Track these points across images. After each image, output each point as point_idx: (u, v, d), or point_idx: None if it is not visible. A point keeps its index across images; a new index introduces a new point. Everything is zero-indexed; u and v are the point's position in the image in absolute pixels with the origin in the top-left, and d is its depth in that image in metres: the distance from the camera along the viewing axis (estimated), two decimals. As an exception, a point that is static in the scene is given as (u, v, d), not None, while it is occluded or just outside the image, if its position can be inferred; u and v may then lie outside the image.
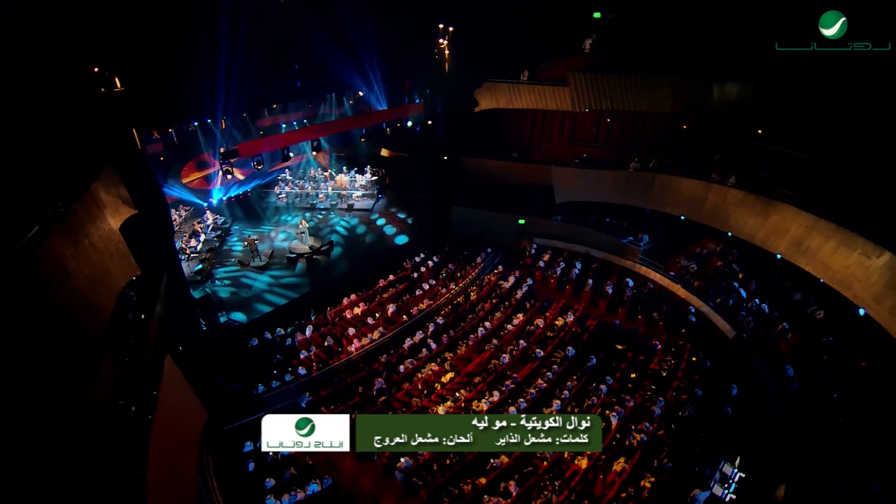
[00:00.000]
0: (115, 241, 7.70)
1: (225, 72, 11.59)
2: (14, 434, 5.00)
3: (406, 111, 16.87)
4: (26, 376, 5.14)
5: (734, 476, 10.28)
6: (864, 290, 12.00)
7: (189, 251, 17.55)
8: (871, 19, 11.07)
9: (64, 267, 6.00)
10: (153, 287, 11.26)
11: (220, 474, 10.70)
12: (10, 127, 7.49)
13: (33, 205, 6.47)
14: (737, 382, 12.73)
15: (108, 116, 10.21)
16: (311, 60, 13.80)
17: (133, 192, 10.84)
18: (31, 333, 5.22)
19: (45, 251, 5.89)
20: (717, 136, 16.59)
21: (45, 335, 5.48)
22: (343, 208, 22.22)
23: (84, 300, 6.11)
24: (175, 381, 8.87)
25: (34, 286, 5.51)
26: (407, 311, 15.87)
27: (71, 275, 6.02)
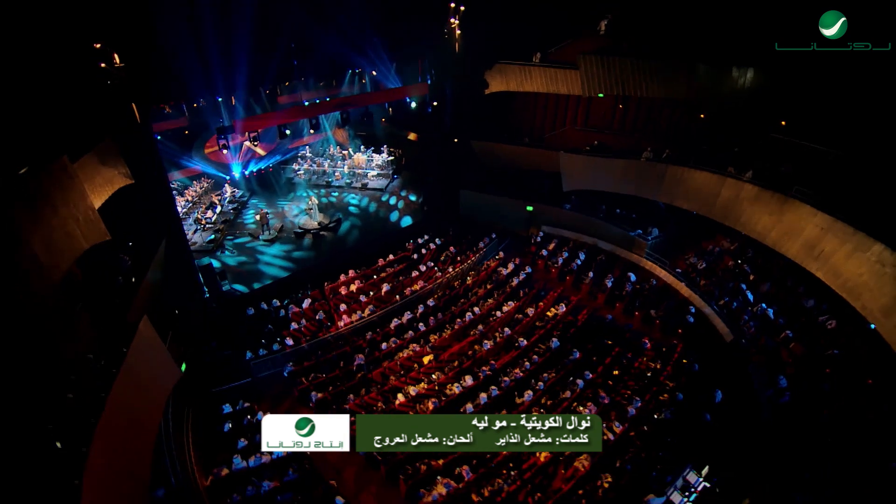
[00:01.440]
0: (84, 208, 8.30)
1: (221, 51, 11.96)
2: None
3: (407, 92, 16.78)
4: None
5: (697, 485, 9.93)
6: (873, 300, 11.08)
7: (204, 222, 18.49)
8: (871, 19, 10.61)
9: (19, 226, 6.59)
10: (148, 253, 12.06)
11: (197, 431, 11.48)
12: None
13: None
14: (726, 389, 12.14)
15: (107, 91, 10.83)
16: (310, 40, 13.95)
17: (131, 164, 11.54)
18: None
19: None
20: (738, 127, 15.51)
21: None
22: (357, 187, 22.58)
23: (35, 259, 6.68)
24: (148, 341, 9.50)
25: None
26: (400, 291, 16.09)
27: (24, 236, 6.61)
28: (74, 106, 10.29)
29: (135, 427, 8.37)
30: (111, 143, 11.06)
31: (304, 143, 24.01)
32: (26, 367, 7.10)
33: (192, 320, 13.58)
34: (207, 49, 11.92)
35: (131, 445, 8.08)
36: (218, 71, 12.10)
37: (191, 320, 13.51)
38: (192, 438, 11.20)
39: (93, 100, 10.67)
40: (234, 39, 12.08)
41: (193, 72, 11.96)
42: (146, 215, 12.62)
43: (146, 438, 8.56)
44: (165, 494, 9.19)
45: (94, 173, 10.11)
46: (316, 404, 12.31)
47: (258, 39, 12.32)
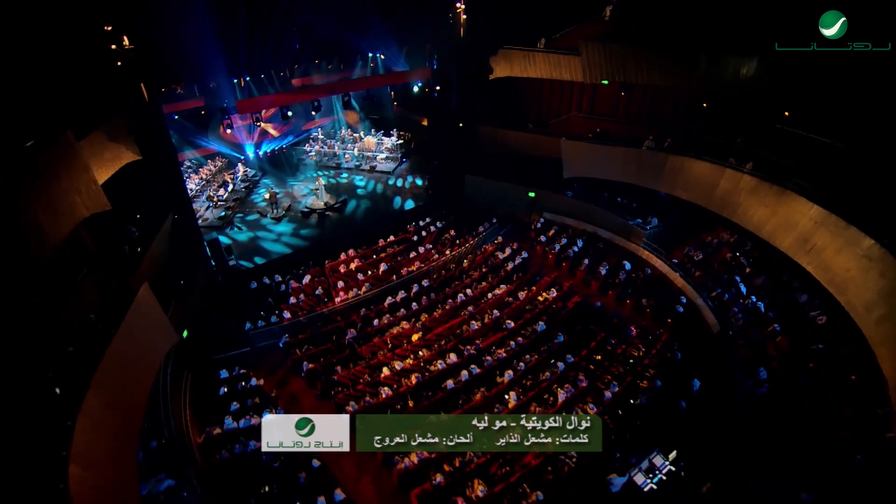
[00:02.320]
0: (86, 180, 9.01)
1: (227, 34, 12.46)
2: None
3: (409, 76, 17.02)
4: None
5: (663, 468, 10.17)
6: (858, 296, 11.01)
7: (216, 199, 19.34)
8: (871, 19, 10.47)
9: (23, 192, 7.32)
10: (155, 226, 12.86)
11: (195, 393, 12.34)
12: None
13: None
14: (706, 379, 12.25)
15: (116, 71, 11.51)
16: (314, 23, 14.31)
17: (139, 141, 12.28)
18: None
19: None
20: (741, 118, 15.25)
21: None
22: (366, 169, 23.09)
23: (35, 222, 7.41)
24: (147, 306, 10.27)
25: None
26: (397, 271, 16.60)
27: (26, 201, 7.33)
28: (85, 85, 11.01)
29: (130, 381, 9.15)
30: (119, 121, 11.77)
31: (316, 125, 24.59)
32: (28, 320, 7.91)
33: (196, 291, 14.38)
34: (213, 33, 12.44)
35: (125, 397, 8.86)
36: (219, 54, 12.61)
37: (195, 291, 14.32)
38: (190, 399, 12.06)
39: (102, 79, 11.38)
40: (239, 24, 12.55)
41: (199, 54, 12.52)
42: (155, 190, 13.38)
43: (140, 390, 9.35)
44: (158, 446, 10.02)
45: (103, 149, 10.85)
46: (306, 374, 13.02)
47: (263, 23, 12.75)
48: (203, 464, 10.54)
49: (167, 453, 9.97)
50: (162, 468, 9.58)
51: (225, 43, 13.51)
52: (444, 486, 9.95)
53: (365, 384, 12.50)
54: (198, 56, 12.91)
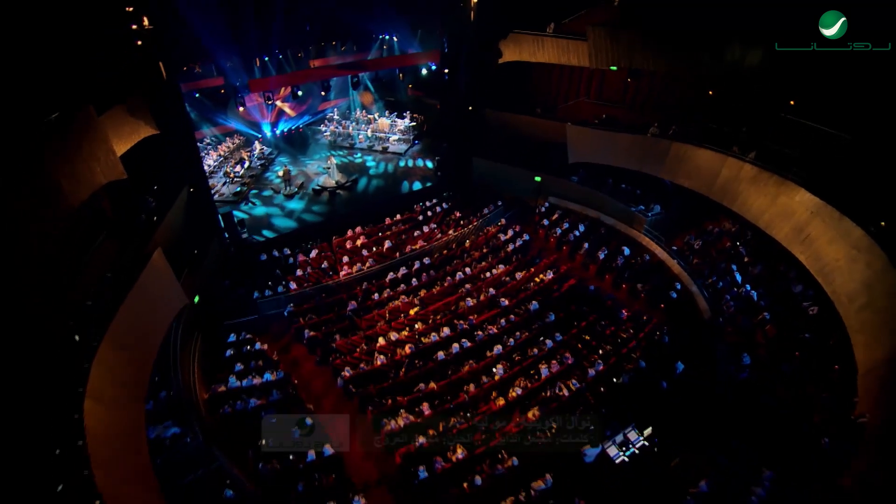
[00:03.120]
0: (105, 150, 9.80)
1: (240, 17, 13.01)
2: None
3: (417, 59, 17.32)
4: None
5: (637, 443, 10.61)
6: (843, 285, 11.15)
7: (233, 175, 20.20)
8: (871, 19, 10.45)
9: (47, 159, 8.13)
10: (171, 197, 13.71)
11: (204, 354, 13.28)
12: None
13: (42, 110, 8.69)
14: (690, 362, 12.52)
15: (137, 50, 12.23)
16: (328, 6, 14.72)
17: (157, 116, 13.06)
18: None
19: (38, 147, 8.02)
20: (747, 106, 15.15)
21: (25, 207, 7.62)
22: (378, 150, 23.61)
23: (58, 186, 8.21)
24: (160, 270, 11.14)
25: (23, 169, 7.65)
26: (401, 248, 17.20)
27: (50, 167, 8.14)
28: (107, 63, 11.78)
29: (141, 335, 10.05)
30: (139, 98, 12.55)
31: (332, 106, 25.18)
32: (51, 275, 8.80)
33: (209, 261, 15.25)
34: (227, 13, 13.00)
35: (136, 348, 9.76)
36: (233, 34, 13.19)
37: (208, 261, 15.19)
38: (198, 359, 13.00)
39: (123, 58, 12.13)
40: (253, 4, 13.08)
41: (215, 34, 13.13)
42: (172, 164, 14.20)
43: (150, 344, 10.27)
44: (167, 397, 10.94)
45: (122, 123, 11.65)
46: (307, 341, 13.81)
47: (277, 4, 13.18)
48: (207, 417, 11.44)
49: (175, 404, 10.89)
50: (169, 417, 10.48)
51: (239, 23, 14.08)
52: (426, 447, 10.60)
53: (361, 352, 13.22)
54: (215, 36, 13.51)
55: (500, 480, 10.00)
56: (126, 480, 7.27)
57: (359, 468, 10.83)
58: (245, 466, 10.45)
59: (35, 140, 8.14)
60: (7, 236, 7.10)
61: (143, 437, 8.91)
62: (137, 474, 7.82)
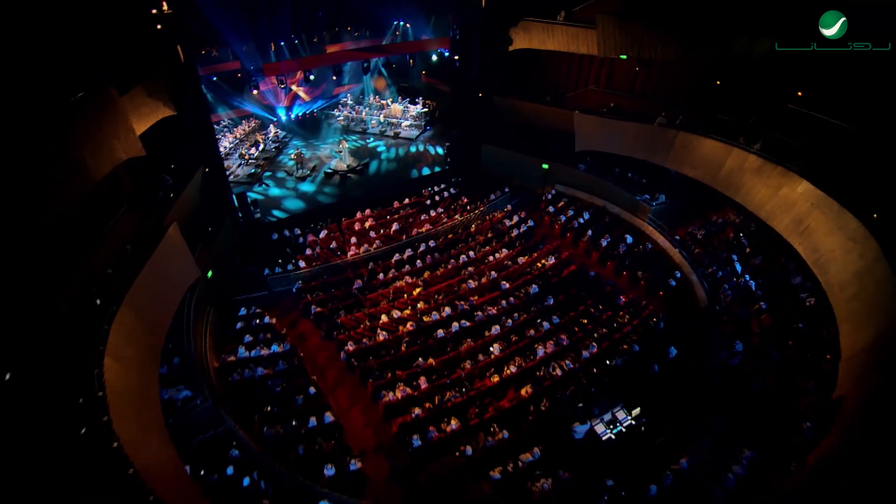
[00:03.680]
0: (125, 128, 10.39)
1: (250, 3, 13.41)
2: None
3: (427, 45, 17.56)
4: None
5: (624, 422, 10.98)
6: (836, 275, 11.30)
7: (248, 157, 20.83)
8: (871, 19, 10.49)
9: (72, 135, 8.75)
10: (187, 176, 14.35)
11: (215, 325, 13.99)
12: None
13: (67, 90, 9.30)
14: (683, 348, 12.78)
15: (157, 34, 12.77)
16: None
17: (174, 98, 13.64)
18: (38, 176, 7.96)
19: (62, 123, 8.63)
20: (755, 97, 15.11)
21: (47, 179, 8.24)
22: (390, 135, 24.01)
23: (82, 161, 8.83)
24: (175, 244, 11.79)
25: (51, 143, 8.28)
26: (407, 231, 17.66)
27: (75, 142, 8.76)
28: (128, 46, 12.35)
29: (156, 303, 10.72)
30: (158, 80, 13.11)
31: (345, 91, 25.60)
32: (75, 243, 9.48)
33: (222, 238, 15.91)
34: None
35: (152, 314, 10.43)
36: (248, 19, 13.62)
37: (221, 238, 15.84)
38: (210, 330, 13.70)
39: (144, 41, 12.70)
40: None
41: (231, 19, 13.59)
42: (188, 144, 14.81)
43: (165, 311, 10.95)
44: (180, 363, 11.65)
45: (141, 103, 12.21)
46: (314, 317, 14.42)
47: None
48: (217, 384, 12.13)
49: (187, 370, 11.59)
50: (181, 381, 11.18)
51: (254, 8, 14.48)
52: (422, 418, 11.14)
53: (364, 328, 13.78)
54: (231, 20, 13.96)
55: (490, 451, 10.49)
56: (141, 429, 7.93)
57: (357, 436, 11.43)
58: (251, 430, 11.10)
59: (62, 117, 8.75)
60: (37, 203, 7.74)
61: (156, 396, 9.59)
62: (151, 425, 8.49)
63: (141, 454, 6.85)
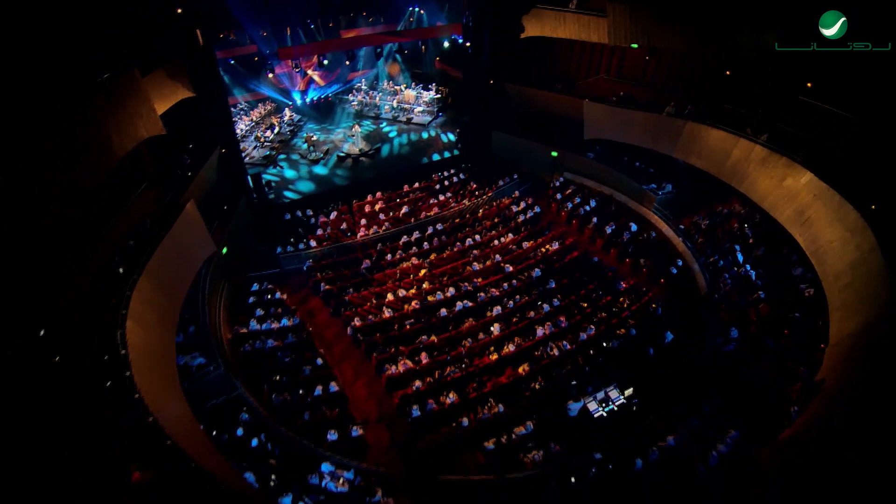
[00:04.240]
0: (147, 108, 10.96)
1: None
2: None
3: (438, 31, 17.79)
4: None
5: (617, 401, 11.36)
6: (833, 266, 11.46)
7: (263, 140, 21.40)
8: (871, 19, 10.48)
9: (100, 114, 9.33)
10: (205, 156, 14.94)
11: (229, 299, 14.66)
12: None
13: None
14: (681, 334, 13.07)
15: (177, 18, 13.27)
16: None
17: (193, 80, 14.18)
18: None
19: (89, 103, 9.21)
20: (765, 88, 15.12)
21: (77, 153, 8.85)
22: (402, 121, 24.36)
23: (108, 138, 9.42)
24: (192, 220, 12.39)
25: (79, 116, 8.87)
26: (416, 214, 18.11)
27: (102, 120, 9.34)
28: (151, 30, 12.87)
29: (174, 273, 11.35)
30: (178, 62, 13.66)
31: (359, 76, 25.96)
32: (100, 215, 10.12)
33: (237, 216, 16.52)
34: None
35: (169, 285, 11.05)
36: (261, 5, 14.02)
37: (236, 216, 16.45)
38: (224, 303, 14.38)
39: (165, 25, 13.21)
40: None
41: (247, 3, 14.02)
42: (206, 125, 15.37)
43: (182, 282, 11.60)
44: (195, 331, 12.32)
45: (162, 84, 12.79)
46: (323, 294, 15.01)
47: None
48: (229, 354, 12.80)
49: (202, 338, 12.25)
50: (196, 349, 11.85)
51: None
52: (422, 391, 11.67)
53: (371, 306, 14.32)
54: (248, 4, 14.39)
55: (485, 423, 10.98)
56: (159, 386, 8.58)
57: (361, 406, 12.02)
58: (260, 397, 11.76)
59: (89, 96, 9.32)
60: (70, 174, 8.36)
61: (173, 360, 10.25)
62: (168, 384, 9.16)
63: (159, 407, 7.47)
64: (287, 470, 9.57)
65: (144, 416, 6.97)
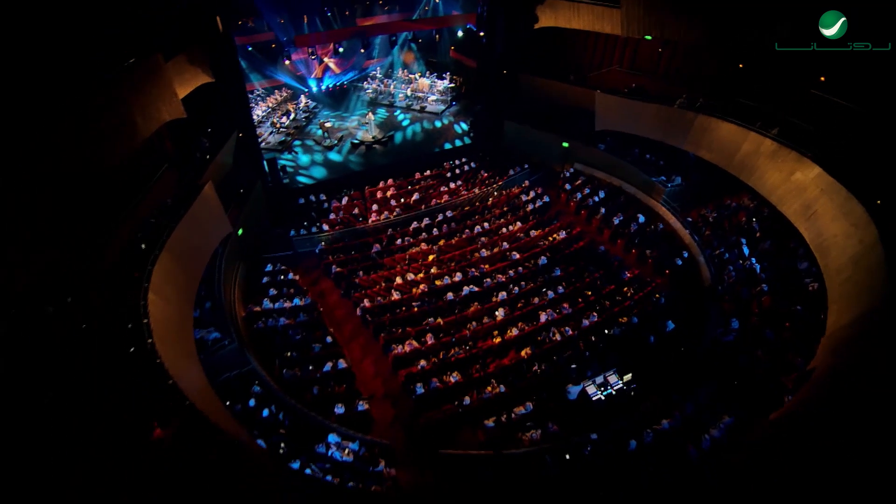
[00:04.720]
0: (169, 92, 11.43)
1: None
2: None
3: (452, 21, 17.95)
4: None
5: (616, 385, 11.68)
6: (836, 260, 11.55)
7: (279, 126, 21.87)
8: (871, 19, 10.45)
9: (127, 97, 9.82)
10: (222, 140, 15.44)
11: (244, 279, 15.22)
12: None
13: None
14: (682, 323, 13.28)
15: (198, 5, 13.70)
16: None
17: (213, 65, 14.62)
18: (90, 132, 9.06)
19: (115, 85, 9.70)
20: (778, 81, 15.09)
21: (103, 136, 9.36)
22: (416, 109, 24.61)
23: (134, 121, 9.91)
24: (209, 200, 12.90)
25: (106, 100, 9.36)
26: (427, 201, 18.45)
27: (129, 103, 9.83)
28: (173, 16, 13.31)
29: (193, 251, 11.90)
30: (198, 48, 14.10)
31: (375, 64, 26.23)
32: (126, 193, 10.66)
33: (253, 199, 17.03)
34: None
35: (188, 260, 11.60)
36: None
37: (252, 199, 16.96)
38: (238, 283, 14.94)
39: (187, 11, 13.64)
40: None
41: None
42: (224, 110, 15.85)
43: (199, 259, 12.15)
44: (211, 307, 12.88)
45: (183, 70, 13.26)
46: (334, 276, 15.49)
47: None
48: (243, 330, 13.36)
49: (217, 314, 12.81)
50: (212, 324, 12.41)
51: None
52: (427, 370, 12.10)
53: (380, 288, 14.77)
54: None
55: (486, 402, 11.39)
56: (178, 353, 9.13)
57: (367, 383, 12.51)
58: (272, 371, 12.30)
59: (116, 79, 9.81)
60: (97, 152, 8.88)
61: (190, 332, 10.81)
62: (186, 353, 9.72)
63: (178, 373, 7.99)
64: (296, 439, 10.11)
65: (165, 379, 7.50)
